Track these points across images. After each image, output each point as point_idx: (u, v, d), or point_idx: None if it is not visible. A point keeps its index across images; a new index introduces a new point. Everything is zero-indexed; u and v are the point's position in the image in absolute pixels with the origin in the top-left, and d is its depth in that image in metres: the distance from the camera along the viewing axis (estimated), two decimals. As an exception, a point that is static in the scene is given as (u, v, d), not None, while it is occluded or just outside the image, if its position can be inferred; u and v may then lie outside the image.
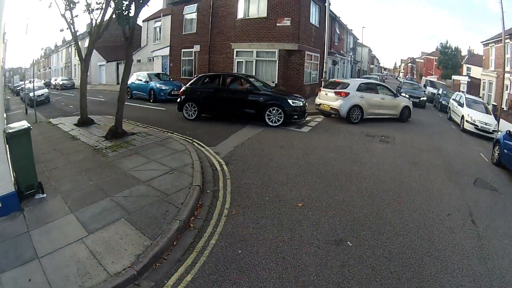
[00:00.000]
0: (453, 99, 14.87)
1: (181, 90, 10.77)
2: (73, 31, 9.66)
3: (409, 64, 77.91)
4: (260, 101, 9.19)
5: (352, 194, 4.96)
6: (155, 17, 27.42)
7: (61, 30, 26.89)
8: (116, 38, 34.04)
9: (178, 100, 10.58)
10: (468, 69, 34.65)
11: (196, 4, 18.24)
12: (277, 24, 14.89)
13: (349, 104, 10.20)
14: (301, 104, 9.38)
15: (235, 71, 16.19)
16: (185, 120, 10.16)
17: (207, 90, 10.01)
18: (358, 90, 10.45)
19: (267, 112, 9.17)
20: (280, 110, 9.09)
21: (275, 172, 5.71)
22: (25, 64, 23.03)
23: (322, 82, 14.20)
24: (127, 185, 5.03)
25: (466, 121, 11.71)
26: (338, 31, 25.40)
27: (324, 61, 15.46)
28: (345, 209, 4.48)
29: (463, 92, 17.33)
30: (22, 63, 40.54)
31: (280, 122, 9.16)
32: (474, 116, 11.65)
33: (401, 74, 79.75)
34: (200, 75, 11.01)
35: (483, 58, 24.95)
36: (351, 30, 34.90)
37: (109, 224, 3.90)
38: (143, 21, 28.60)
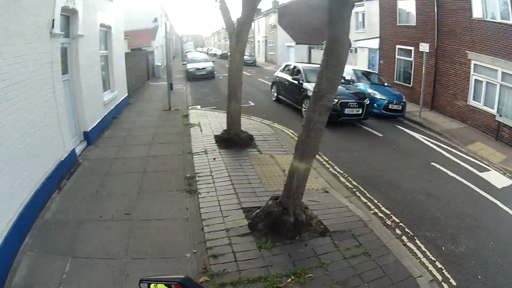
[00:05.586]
0: None
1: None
2: None
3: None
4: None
5: None
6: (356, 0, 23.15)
7: None
8: (311, 21, 29.11)
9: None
10: None
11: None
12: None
13: None
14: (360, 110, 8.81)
15: (472, 91, 10.68)
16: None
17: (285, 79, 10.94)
18: None
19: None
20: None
21: None
22: (205, 33, 22.88)
23: None
24: None
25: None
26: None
27: None
28: None
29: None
30: (202, 32, 42.45)
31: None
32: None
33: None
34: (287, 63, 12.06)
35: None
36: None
37: None
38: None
